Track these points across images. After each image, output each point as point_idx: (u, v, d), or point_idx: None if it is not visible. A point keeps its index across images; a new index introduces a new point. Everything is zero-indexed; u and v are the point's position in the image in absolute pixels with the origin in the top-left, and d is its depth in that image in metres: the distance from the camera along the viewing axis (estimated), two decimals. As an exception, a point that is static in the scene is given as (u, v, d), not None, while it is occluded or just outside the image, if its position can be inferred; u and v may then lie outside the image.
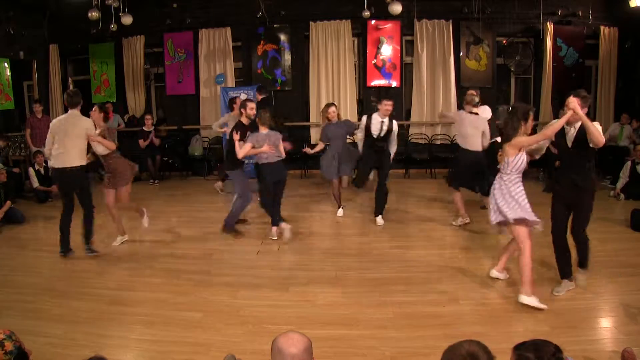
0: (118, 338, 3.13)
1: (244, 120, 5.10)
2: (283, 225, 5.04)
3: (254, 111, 5.12)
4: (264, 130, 4.89)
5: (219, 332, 3.17)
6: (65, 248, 4.63)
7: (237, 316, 3.39)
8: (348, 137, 5.96)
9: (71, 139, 4.42)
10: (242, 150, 4.83)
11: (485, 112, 5.55)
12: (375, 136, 5.42)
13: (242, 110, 5.13)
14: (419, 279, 3.97)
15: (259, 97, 6.83)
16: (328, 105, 5.87)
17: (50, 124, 4.55)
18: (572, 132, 3.45)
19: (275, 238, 5.06)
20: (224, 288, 3.88)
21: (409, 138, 8.62)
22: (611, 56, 8.57)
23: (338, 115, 5.82)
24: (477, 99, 5.28)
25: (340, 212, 5.98)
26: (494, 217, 3.60)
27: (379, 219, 5.55)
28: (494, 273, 3.92)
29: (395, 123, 5.49)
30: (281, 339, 1.62)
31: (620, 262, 4.18)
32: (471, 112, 5.22)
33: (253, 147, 4.82)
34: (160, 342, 3.06)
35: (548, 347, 1.69)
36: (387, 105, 5.34)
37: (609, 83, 8.68)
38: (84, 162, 4.56)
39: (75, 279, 4.13)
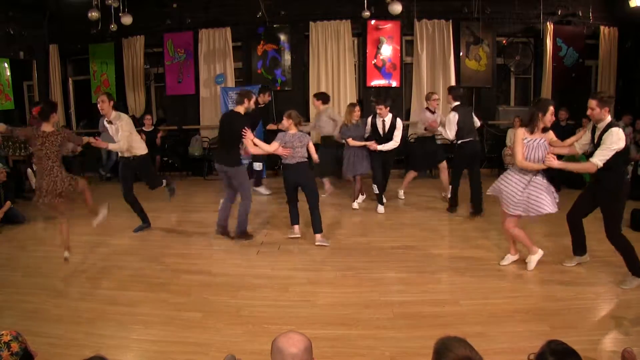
0: (118, 338, 3.13)
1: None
2: (319, 237, 4.87)
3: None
4: (293, 130, 4.83)
5: (219, 332, 3.17)
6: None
7: (237, 316, 3.39)
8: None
9: None
10: (268, 147, 4.78)
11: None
12: (381, 135, 5.89)
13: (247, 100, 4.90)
14: (419, 279, 3.97)
15: (267, 98, 6.95)
16: (353, 105, 6.14)
17: None
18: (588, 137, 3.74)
19: (295, 236, 5.06)
20: (224, 288, 3.88)
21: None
22: (611, 56, 8.57)
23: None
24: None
25: (355, 204, 6.30)
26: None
27: (380, 208, 6.07)
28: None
29: (398, 121, 5.87)
30: (281, 339, 1.62)
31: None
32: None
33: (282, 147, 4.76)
34: (160, 342, 3.06)
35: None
36: (378, 109, 5.85)
37: (609, 83, 8.67)
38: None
39: (76, 279, 4.13)
